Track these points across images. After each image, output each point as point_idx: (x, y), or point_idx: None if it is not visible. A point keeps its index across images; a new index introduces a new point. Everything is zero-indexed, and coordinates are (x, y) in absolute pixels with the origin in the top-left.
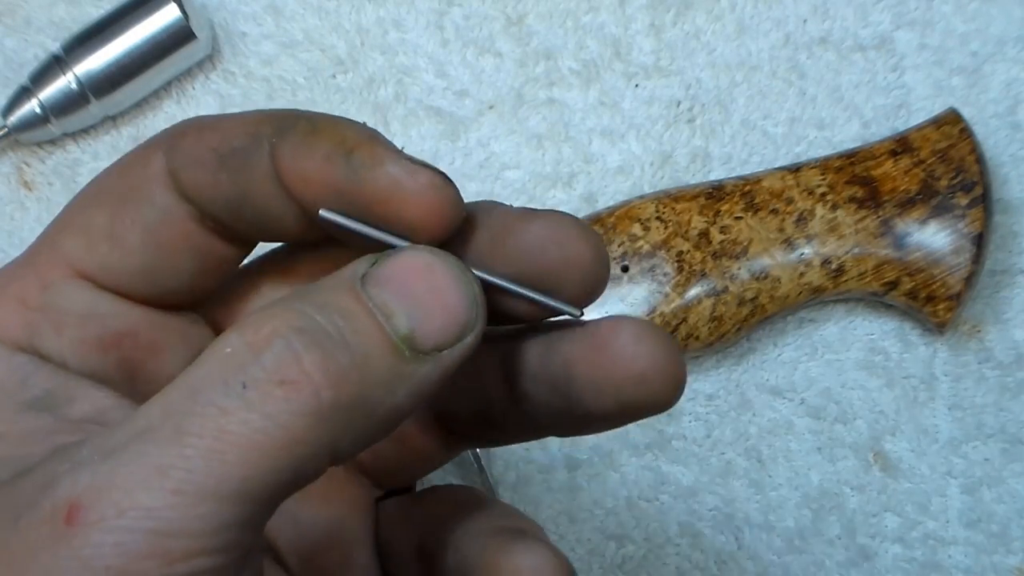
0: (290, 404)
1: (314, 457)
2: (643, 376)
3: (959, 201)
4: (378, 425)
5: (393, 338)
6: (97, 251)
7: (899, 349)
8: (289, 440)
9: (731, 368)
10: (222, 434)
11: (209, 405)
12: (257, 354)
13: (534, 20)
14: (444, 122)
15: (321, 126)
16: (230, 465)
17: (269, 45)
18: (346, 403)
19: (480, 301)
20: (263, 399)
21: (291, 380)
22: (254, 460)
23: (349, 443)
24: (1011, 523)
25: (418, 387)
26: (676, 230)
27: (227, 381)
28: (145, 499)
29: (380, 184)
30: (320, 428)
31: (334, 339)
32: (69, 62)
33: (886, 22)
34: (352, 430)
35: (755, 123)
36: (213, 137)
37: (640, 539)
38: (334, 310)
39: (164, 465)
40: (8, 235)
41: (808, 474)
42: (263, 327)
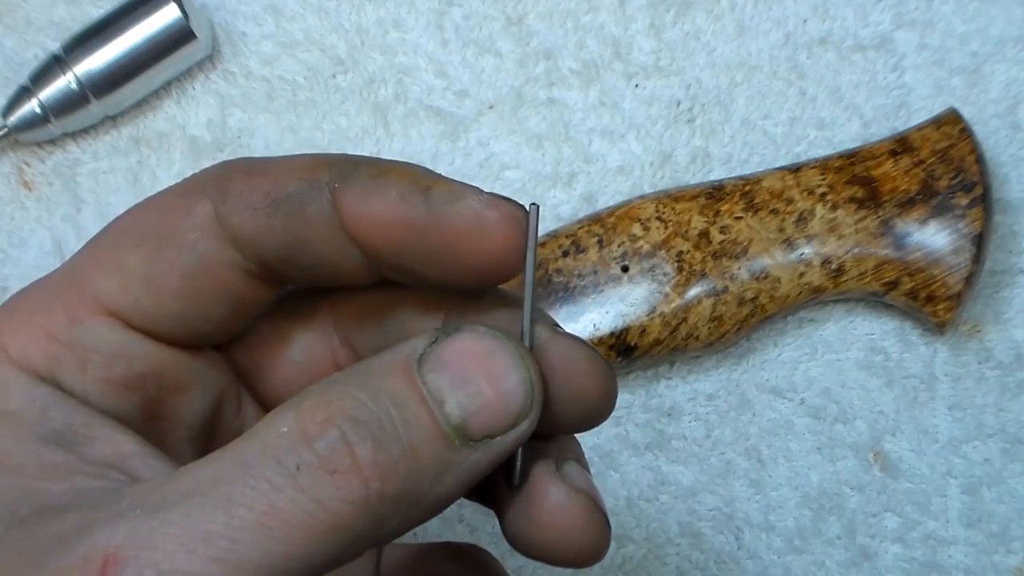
0: (340, 492)
1: (357, 542)
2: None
3: (959, 201)
4: (423, 512)
5: (444, 428)
6: (131, 293)
7: (899, 349)
8: (336, 525)
9: (731, 368)
10: (271, 510)
11: (261, 480)
12: (311, 440)
13: (534, 20)
14: (444, 122)
15: (388, 168)
16: (275, 541)
17: (269, 45)
18: (393, 495)
19: (537, 387)
20: (314, 484)
21: (343, 470)
22: (299, 540)
23: (392, 529)
24: (1011, 523)
25: (466, 475)
26: (676, 230)
27: (280, 460)
28: (186, 563)
29: (463, 218)
30: (366, 516)
31: (387, 431)
32: (69, 62)
33: (886, 22)
34: (397, 518)
35: (755, 123)
36: (264, 182)
37: (640, 539)
38: (388, 397)
39: (209, 532)
40: (8, 235)
41: (808, 474)
42: (318, 414)
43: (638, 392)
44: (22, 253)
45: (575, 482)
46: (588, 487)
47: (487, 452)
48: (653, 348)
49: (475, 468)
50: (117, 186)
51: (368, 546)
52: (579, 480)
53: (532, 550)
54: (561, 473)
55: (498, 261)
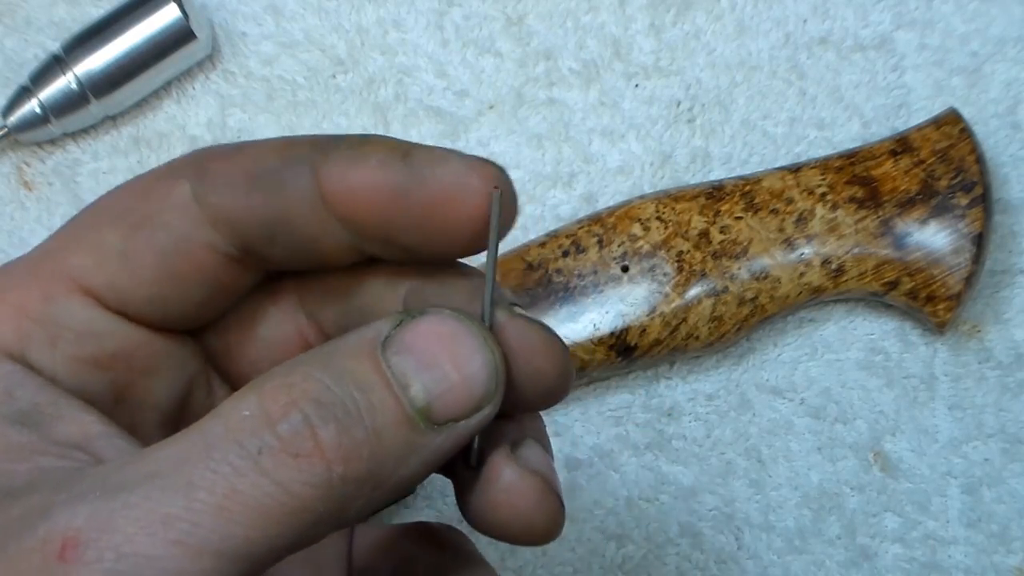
0: (302, 475)
1: (319, 524)
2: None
3: (959, 201)
4: (387, 495)
5: (409, 411)
6: (106, 271)
7: (899, 349)
8: (297, 508)
9: (731, 368)
10: (233, 494)
11: (223, 463)
12: (274, 423)
13: (534, 20)
14: (444, 122)
15: (367, 140)
16: (236, 525)
17: (269, 45)
18: (356, 478)
19: (501, 370)
20: (276, 467)
21: (305, 454)
22: (260, 523)
23: (355, 511)
24: (1011, 523)
25: (430, 457)
26: (676, 230)
27: (242, 443)
28: (146, 546)
29: (445, 180)
30: (329, 499)
31: (350, 414)
32: (69, 62)
33: (886, 22)
34: (360, 500)
35: (755, 123)
36: (244, 159)
37: (640, 539)
38: (352, 381)
39: (170, 515)
40: (8, 235)
41: (808, 474)
42: (281, 396)
43: (638, 392)
44: (22, 253)
45: (529, 463)
46: (543, 468)
47: (451, 435)
48: (653, 348)
49: (439, 451)
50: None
51: (331, 529)
52: (534, 461)
53: (485, 528)
54: (517, 454)
55: (480, 224)
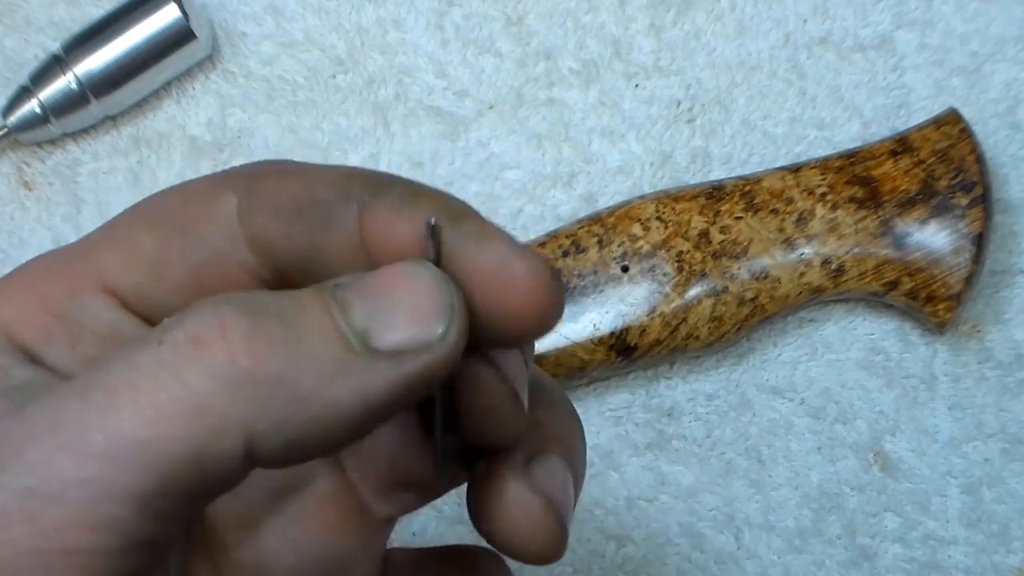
0: (201, 365)
1: (223, 433)
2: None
3: (959, 201)
4: (310, 419)
5: (343, 327)
6: (135, 274)
7: (899, 349)
8: (196, 406)
9: (731, 368)
10: (125, 389)
11: (123, 362)
12: (183, 317)
13: (534, 20)
14: (444, 122)
15: (422, 191)
16: (126, 423)
17: (269, 45)
18: (267, 377)
19: (459, 311)
20: (174, 357)
21: (207, 341)
22: (153, 421)
23: (269, 428)
24: (1011, 523)
25: (366, 387)
26: (676, 230)
27: (147, 340)
28: (30, 454)
29: (486, 260)
30: (232, 399)
31: (270, 314)
32: (69, 62)
33: (886, 22)
34: (273, 412)
35: (755, 123)
36: (295, 185)
37: (640, 539)
38: (286, 295)
39: (58, 418)
40: (8, 235)
41: (808, 474)
42: (204, 299)
43: (638, 392)
44: (22, 253)
45: (540, 483)
46: (553, 490)
47: (393, 368)
48: (653, 348)
49: (379, 383)
50: (117, 186)
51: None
52: (545, 481)
53: (485, 536)
54: (528, 469)
55: (513, 315)
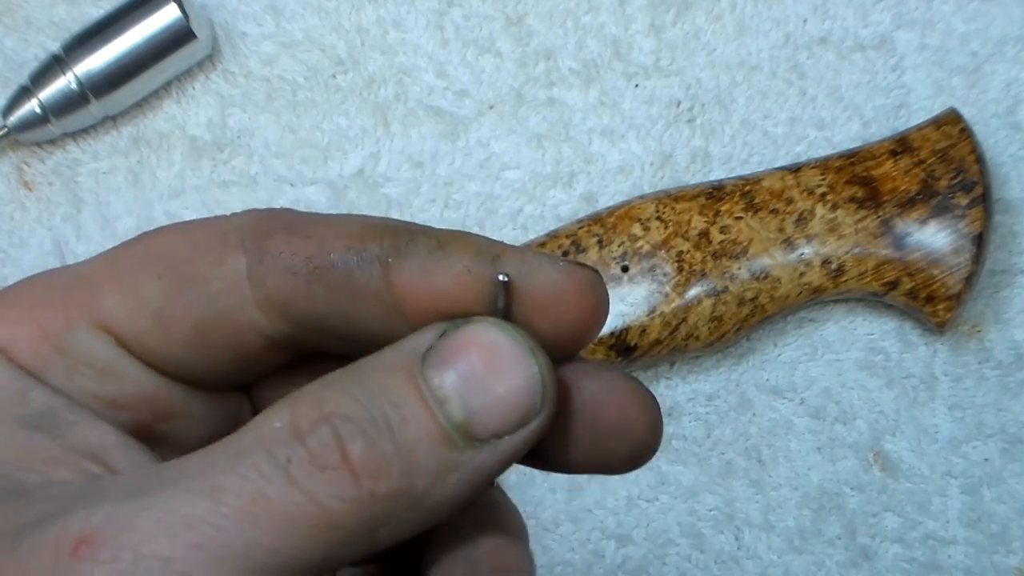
0: (331, 488)
1: (350, 543)
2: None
3: (959, 201)
4: (425, 515)
5: (444, 425)
6: (137, 323)
7: (899, 349)
8: (326, 522)
9: (731, 368)
10: (260, 499)
11: (252, 469)
12: (303, 436)
13: (534, 20)
14: (444, 122)
15: (447, 239)
16: (261, 533)
17: (269, 45)
18: (387, 494)
19: (550, 383)
20: (305, 478)
21: (333, 467)
22: (287, 533)
23: (390, 532)
24: (1011, 523)
25: (471, 476)
26: (676, 230)
27: (272, 452)
28: (166, 548)
29: (539, 289)
30: (359, 515)
31: (379, 428)
32: (69, 62)
33: (886, 22)
34: (394, 519)
35: (755, 123)
36: (308, 246)
37: (640, 539)
38: (384, 395)
39: (192, 517)
40: (8, 235)
41: (808, 474)
42: (312, 411)
43: None
44: (22, 253)
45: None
46: None
47: (494, 453)
48: (653, 348)
49: (481, 469)
50: (117, 186)
51: (364, 549)
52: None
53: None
54: None
55: (574, 332)
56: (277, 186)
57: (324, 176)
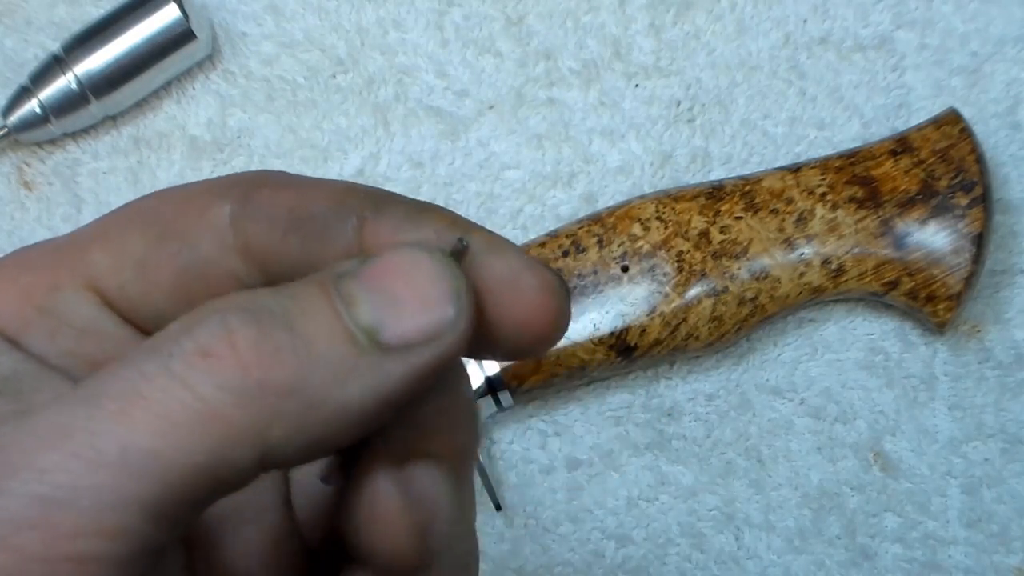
0: (213, 377)
1: (237, 442)
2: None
3: (959, 201)
4: (323, 422)
5: (349, 325)
6: (121, 274)
7: (899, 349)
8: (209, 415)
9: (731, 368)
10: (135, 398)
11: (133, 371)
12: (190, 327)
13: (534, 20)
14: (444, 122)
15: (425, 207)
16: (138, 433)
17: (269, 45)
18: (278, 386)
19: (467, 300)
20: (186, 369)
21: (217, 353)
22: (166, 432)
23: (283, 435)
24: (1011, 523)
25: (378, 384)
26: (676, 230)
27: (156, 349)
28: (41, 460)
29: (497, 272)
30: (247, 409)
31: (276, 317)
32: (69, 62)
33: (886, 22)
34: (286, 419)
35: (755, 123)
36: (291, 196)
37: (640, 539)
38: (288, 294)
39: (68, 425)
40: (8, 235)
41: (808, 474)
42: (207, 305)
43: (638, 392)
44: None
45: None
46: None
47: (404, 362)
48: (653, 348)
49: (390, 379)
50: (117, 186)
51: (255, 457)
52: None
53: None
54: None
55: (524, 328)
56: None
57: (324, 176)
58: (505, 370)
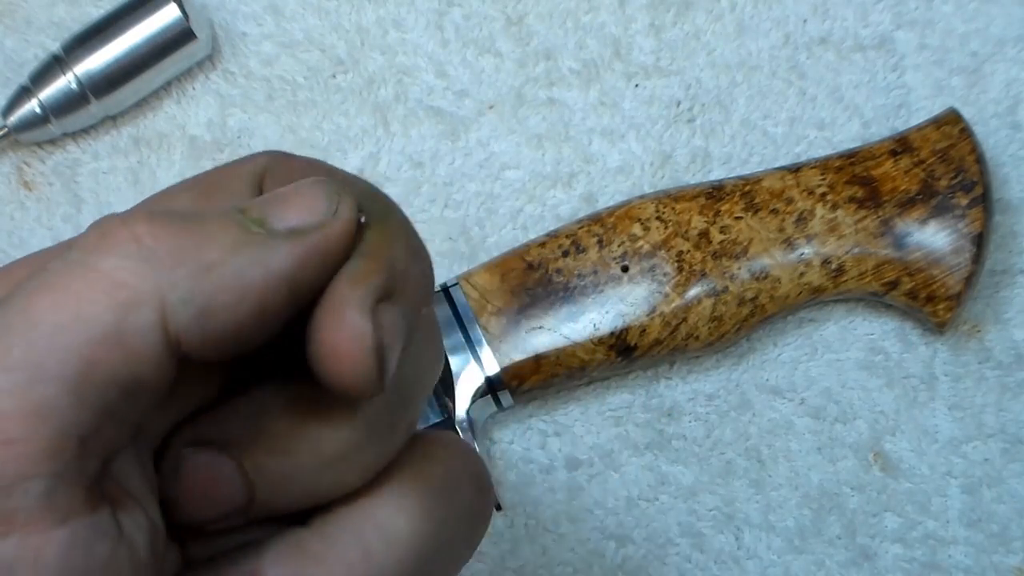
0: (109, 252)
1: (137, 306)
2: None
3: (959, 201)
4: (218, 289)
5: (240, 219)
6: None
7: (899, 349)
8: (106, 283)
9: (731, 368)
10: (39, 287)
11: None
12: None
13: (534, 20)
14: (444, 122)
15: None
16: (43, 311)
17: (269, 45)
18: (170, 250)
19: (345, 195)
20: (84, 253)
21: (113, 233)
22: (66, 304)
23: (180, 299)
24: (1011, 523)
25: (266, 257)
26: (676, 230)
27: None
28: None
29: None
30: (140, 272)
31: (173, 214)
32: (69, 62)
33: (886, 22)
34: (182, 283)
35: (755, 123)
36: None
37: (640, 539)
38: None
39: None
40: (8, 235)
41: (808, 474)
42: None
43: (638, 392)
44: (22, 253)
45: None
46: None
47: (292, 241)
48: (653, 348)
49: (280, 254)
50: (117, 186)
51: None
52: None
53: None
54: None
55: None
56: None
57: None
58: (505, 370)
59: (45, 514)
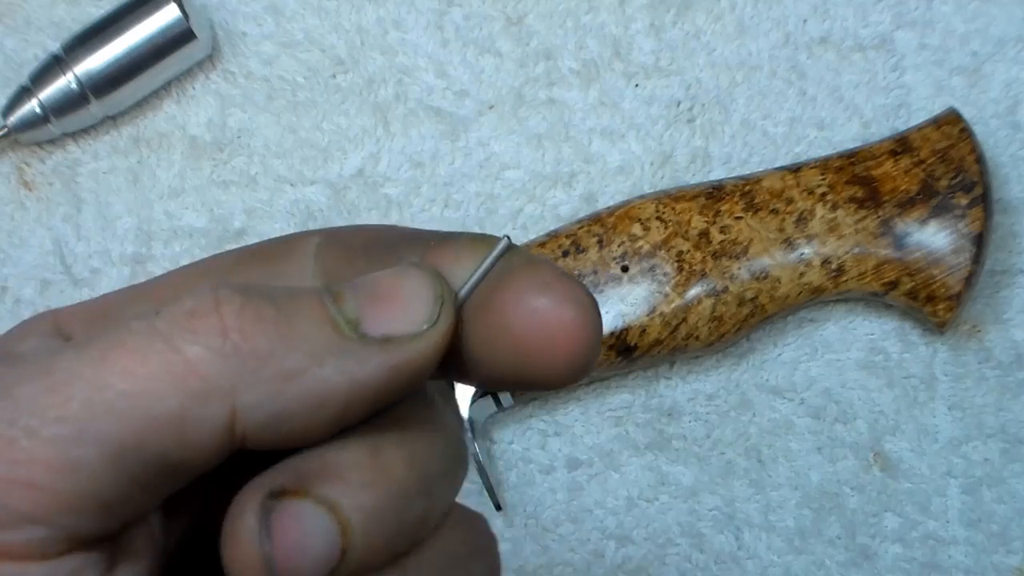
0: (193, 334)
1: (207, 398)
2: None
3: (959, 201)
4: (295, 396)
5: (333, 313)
6: None
7: (899, 349)
8: (183, 367)
9: (731, 368)
10: (117, 347)
11: (122, 328)
12: (182, 295)
13: (534, 20)
14: (444, 122)
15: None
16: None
17: (269, 45)
18: (255, 351)
19: (447, 300)
20: (169, 325)
21: (201, 314)
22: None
23: (254, 400)
24: (1011, 523)
25: (354, 368)
26: (676, 230)
27: (148, 312)
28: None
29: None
30: (220, 367)
31: (264, 297)
32: (69, 62)
33: (886, 22)
34: (259, 384)
35: (755, 123)
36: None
37: (640, 539)
38: (282, 287)
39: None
40: (8, 235)
41: (808, 474)
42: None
43: (638, 392)
44: (22, 253)
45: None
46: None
47: (382, 352)
48: (653, 348)
49: (367, 366)
50: (117, 186)
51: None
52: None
53: None
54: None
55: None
56: (277, 186)
57: (324, 176)
58: None
59: (34, 553)
